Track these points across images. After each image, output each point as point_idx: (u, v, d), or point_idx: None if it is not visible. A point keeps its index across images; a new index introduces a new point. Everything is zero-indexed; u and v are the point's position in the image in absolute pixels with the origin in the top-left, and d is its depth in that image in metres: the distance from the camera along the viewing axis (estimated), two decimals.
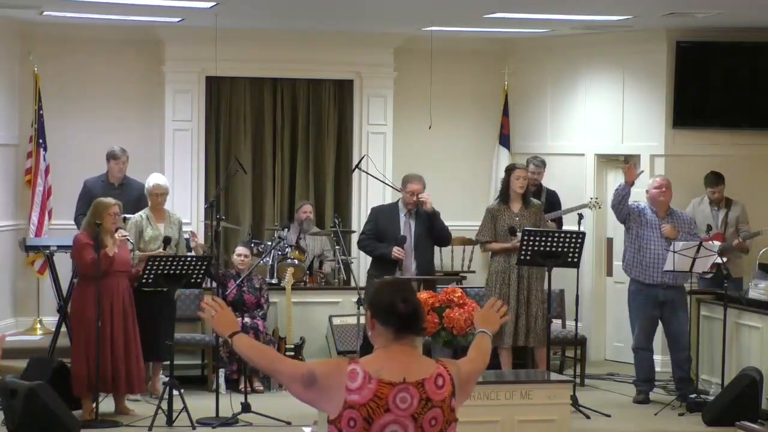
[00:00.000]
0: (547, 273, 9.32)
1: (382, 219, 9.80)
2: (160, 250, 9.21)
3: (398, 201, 9.93)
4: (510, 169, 9.82)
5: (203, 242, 11.13)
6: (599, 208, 11.27)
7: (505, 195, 9.72)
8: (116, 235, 8.76)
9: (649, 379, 9.83)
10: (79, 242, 8.79)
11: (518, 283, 9.53)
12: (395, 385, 3.63)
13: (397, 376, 3.64)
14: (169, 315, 9.04)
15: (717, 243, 10.10)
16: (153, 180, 9.71)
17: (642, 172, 10.03)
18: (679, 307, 9.64)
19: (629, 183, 9.63)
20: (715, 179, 10.57)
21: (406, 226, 9.70)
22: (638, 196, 10.26)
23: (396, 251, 9.52)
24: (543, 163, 11.28)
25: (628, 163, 11.61)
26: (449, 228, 10.00)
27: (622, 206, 9.65)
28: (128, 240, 9.00)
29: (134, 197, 10.31)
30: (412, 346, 3.74)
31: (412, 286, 3.90)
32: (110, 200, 8.94)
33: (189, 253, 10.13)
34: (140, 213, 9.59)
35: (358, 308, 9.22)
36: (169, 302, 9.05)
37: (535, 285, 9.56)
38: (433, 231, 9.71)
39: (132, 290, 9.11)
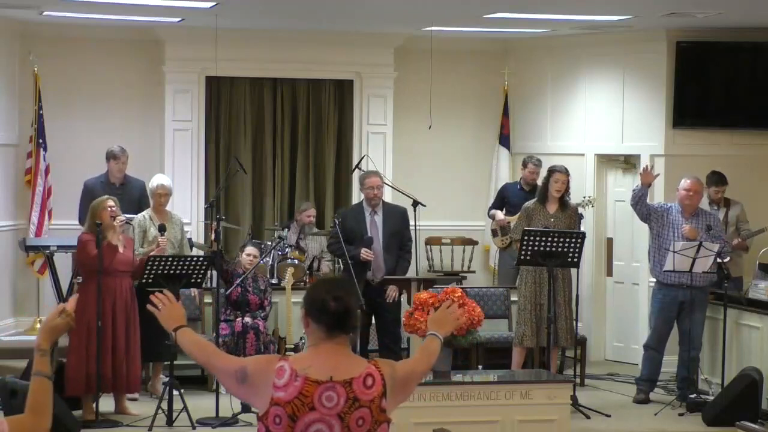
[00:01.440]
0: (547, 273, 9.34)
1: (349, 221, 9.78)
2: (160, 238, 9.21)
3: (362, 201, 9.91)
4: (550, 172, 9.82)
5: (203, 242, 11.14)
6: (592, 206, 11.21)
7: (543, 196, 9.74)
8: (115, 223, 8.78)
9: (652, 380, 9.82)
10: (81, 241, 8.88)
11: (550, 283, 9.49)
12: (321, 383, 3.63)
13: (324, 374, 3.65)
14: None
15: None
16: (157, 180, 9.70)
17: (658, 175, 10.01)
18: (696, 308, 9.58)
19: (645, 185, 9.64)
20: (719, 179, 10.51)
21: (372, 226, 9.69)
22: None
23: (365, 253, 9.50)
24: (540, 163, 11.31)
25: (629, 163, 11.66)
26: (449, 227, 10.03)
27: (639, 206, 9.69)
28: (127, 223, 9.03)
29: (136, 196, 10.32)
30: (344, 344, 3.74)
31: (348, 285, 3.90)
32: (104, 197, 9.03)
33: (189, 253, 10.14)
34: (143, 213, 9.60)
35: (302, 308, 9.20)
36: None
37: (564, 286, 9.57)
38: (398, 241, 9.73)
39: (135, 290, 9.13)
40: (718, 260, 9.54)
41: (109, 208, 8.81)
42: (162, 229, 9.26)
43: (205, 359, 3.86)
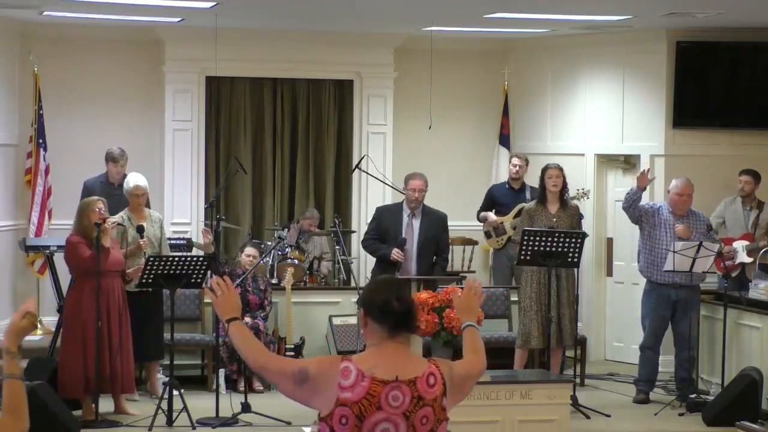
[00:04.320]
0: (547, 273, 9.33)
1: (386, 219, 9.78)
2: (140, 240, 9.19)
3: (403, 201, 9.91)
4: (544, 169, 9.82)
5: (203, 242, 11.13)
6: (587, 198, 11.19)
7: (542, 196, 9.72)
8: (105, 224, 8.77)
9: (651, 380, 9.82)
10: (71, 243, 8.83)
11: (558, 283, 9.48)
12: (388, 383, 3.65)
13: (390, 374, 3.66)
14: (156, 314, 9.14)
15: (745, 242, 10.10)
16: (133, 181, 9.60)
17: (654, 178, 9.97)
18: (691, 308, 9.59)
19: (641, 189, 9.63)
20: (753, 172, 10.47)
21: (408, 228, 9.67)
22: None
23: (395, 253, 9.48)
24: (524, 157, 11.37)
25: (629, 163, 11.66)
26: (449, 227, 10.01)
27: (632, 209, 9.66)
28: (119, 224, 9.02)
29: None
30: (405, 344, 3.76)
31: (405, 284, 3.90)
32: (93, 198, 9.03)
33: (189, 253, 10.13)
34: (121, 214, 9.43)
35: (358, 308, 9.21)
36: (156, 302, 9.22)
37: (570, 285, 9.56)
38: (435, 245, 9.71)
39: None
40: (744, 261, 9.57)
41: (98, 210, 8.79)
42: (140, 230, 9.23)
43: (256, 360, 3.78)
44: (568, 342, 9.59)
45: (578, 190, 10.97)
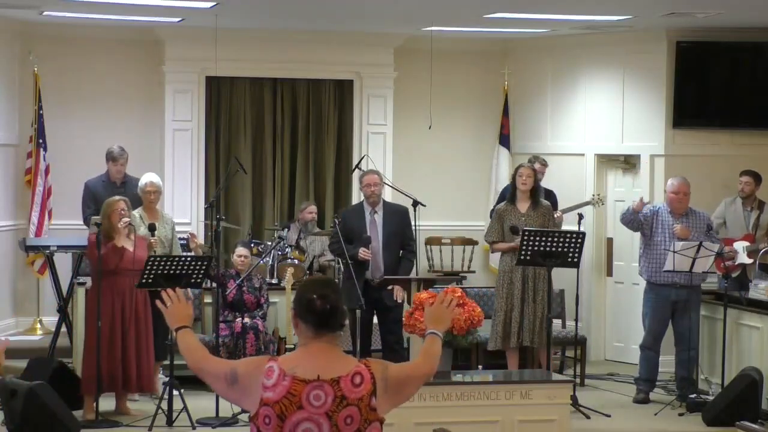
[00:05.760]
0: (547, 273, 9.32)
1: (350, 220, 9.76)
2: (151, 238, 9.20)
3: (363, 201, 9.89)
4: (516, 168, 9.82)
5: (203, 242, 11.12)
6: (603, 204, 11.27)
7: (512, 195, 9.72)
8: (119, 224, 8.79)
9: (651, 380, 9.83)
10: (91, 242, 8.91)
11: (522, 284, 9.51)
12: (309, 382, 3.65)
13: (311, 373, 3.67)
14: (157, 315, 9.15)
15: (745, 243, 10.11)
16: (146, 179, 9.67)
17: (649, 203, 10.02)
18: (691, 307, 9.60)
19: (636, 212, 9.67)
20: (753, 173, 10.48)
21: (372, 225, 9.67)
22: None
23: (362, 252, 9.47)
24: (546, 162, 11.30)
25: (629, 163, 11.67)
26: (449, 227, 10.04)
27: (631, 224, 9.75)
28: (131, 225, 9.05)
29: (137, 195, 10.31)
30: (332, 343, 3.76)
31: (335, 284, 3.91)
32: (116, 198, 9.07)
33: (189, 253, 10.12)
34: (134, 212, 9.48)
35: (291, 308, 9.18)
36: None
37: (541, 285, 9.53)
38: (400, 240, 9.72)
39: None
40: (745, 262, 9.58)
41: (119, 210, 8.83)
42: (152, 228, 9.25)
43: (194, 363, 3.88)
44: (527, 342, 9.49)
45: (594, 195, 10.98)
